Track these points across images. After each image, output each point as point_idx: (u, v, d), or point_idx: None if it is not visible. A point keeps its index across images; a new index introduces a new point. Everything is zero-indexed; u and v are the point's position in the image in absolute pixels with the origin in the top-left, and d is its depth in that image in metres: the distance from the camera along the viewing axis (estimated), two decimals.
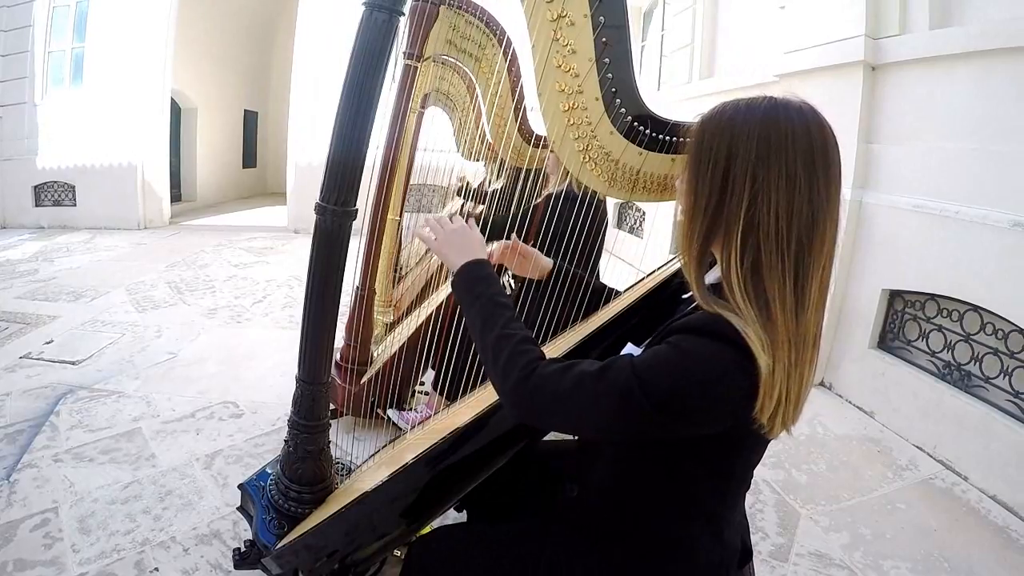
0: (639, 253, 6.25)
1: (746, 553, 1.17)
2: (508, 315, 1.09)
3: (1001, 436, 2.68)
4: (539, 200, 2.56)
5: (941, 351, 3.12)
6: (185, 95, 10.86)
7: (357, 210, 1.32)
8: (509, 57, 2.45)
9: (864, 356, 3.50)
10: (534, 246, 1.69)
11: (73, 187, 8.96)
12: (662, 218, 6.14)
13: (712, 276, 1.00)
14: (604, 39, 1.19)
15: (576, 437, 1.28)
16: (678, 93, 6.40)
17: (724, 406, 0.88)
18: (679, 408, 0.87)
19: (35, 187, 8.99)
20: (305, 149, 8.73)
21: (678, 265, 1.30)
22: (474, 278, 1.16)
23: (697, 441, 0.95)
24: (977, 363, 2.92)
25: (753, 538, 2.23)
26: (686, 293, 1.09)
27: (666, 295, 1.45)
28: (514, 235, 1.65)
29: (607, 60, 1.21)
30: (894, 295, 3.42)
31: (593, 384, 0.91)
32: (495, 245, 1.61)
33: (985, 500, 2.65)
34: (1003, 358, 2.80)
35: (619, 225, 7.59)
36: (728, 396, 0.86)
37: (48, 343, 4.03)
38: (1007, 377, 2.76)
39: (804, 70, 3.87)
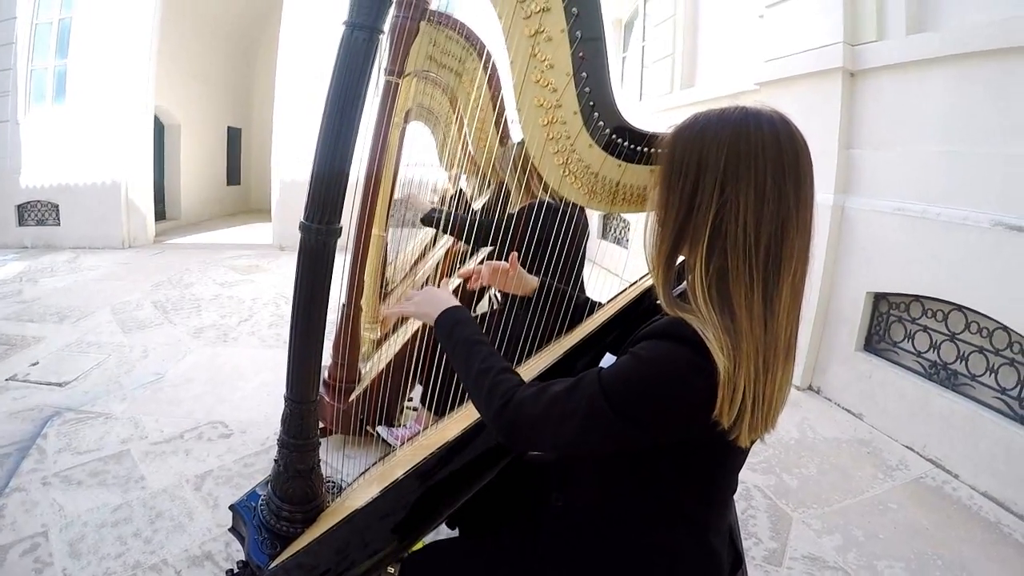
0: (624, 263, 6.27)
1: (737, 559, 1.18)
2: (485, 351, 1.14)
3: (989, 433, 2.71)
4: (521, 206, 2.56)
5: (927, 351, 3.15)
6: (168, 112, 10.82)
7: (341, 228, 1.32)
8: (490, 71, 2.46)
9: (851, 359, 3.53)
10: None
11: (57, 206, 8.90)
12: (645, 227, 6.18)
13: (683, 284, 1.02)
14: (581, 53, 1.20)
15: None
16: (660, 103, 6.44)
17: (683, 407, 0.89)
18: (640, 412, 0.89)
19: (18, 206, 8.93)
20: (289, 165, 8.70)
21: None
22: (451, 324, 1.23)
23: (672, 448, 0.97)
24: (963, 362, 2.95)
25: (746, 543, 2.25)
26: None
27: (644, 308, 1.47)
28: (513, 255, 1.67)
29: (584, 74, 1.22)
30: (879, 297, 3.45)
31: (564, 401, 0.94)
32: (483, 264, 1.65)
33: (976, 496, 2.67)
34: (988, 356, 2.83)
35: (603, 235, 7.62)
36: (686, 396, 0.88)
37: (34, 365, 4.00)
38: (993, 374, 2.80)
39: (784, 78, 3.92)
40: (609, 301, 1.69)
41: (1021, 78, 2.68)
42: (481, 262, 1.49)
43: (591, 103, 1.23)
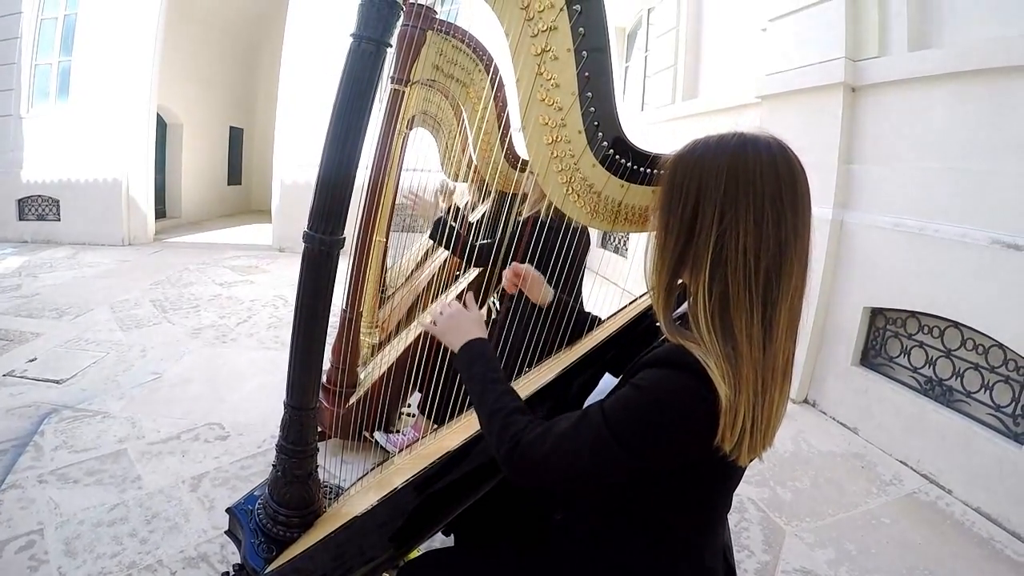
0: (623, 273, 6.28)
1: (729, 572, 1.19)
2: (500, 389, 1.13)
3: (983, 449, 2.72)
4: (524, 218, 2.57)
5: (923, 367, 3.16)
6: (171, 111, 10.85)
7: (345, 238, 1.33)
8: (496, 83, 2.47)
9: (847, 373, 3.54)
10: None
11: (57, 201, 8.93)
12: (646, 238, 6.19)
13: (682, 307, 1.02)
14: (587, 73, 1.21)
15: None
16: (661, 114, 6.46)
17: (686, 435, 0.90)
18: (645, 443, 0.90)
19: (19, 201, 8.97)
20: (290, 167, 8.73)
21: None
22: (472, 358, 1.23)
23: (673, 472, 0.97)
24: (958, 378, 2.96)
25: (738, 556, 2.26)
26: None
27: (643, 327, 1.47)
28: (529, 265, 1.69)
29: (590, 94, 1.22)
30: (876, 313, 3.46)
31: (570, 441, 0.95)
32: (509, 268, 1.67)
33: (969, 512, 2.68)
34: (984, 373, 2.84)
35: (603, 245, 7.63)
36: (689, 425, 0.89)
37: (32, 361, 4.01)
38: (988, 391, 2.80)
39: (786, 91, 3.94)
40: (609, 318, 1.70)
41: (1021, 97, 2.70)
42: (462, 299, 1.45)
43: (595, 123, 1.24)
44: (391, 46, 1.29)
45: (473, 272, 2.90)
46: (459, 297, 1.39)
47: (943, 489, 2.86)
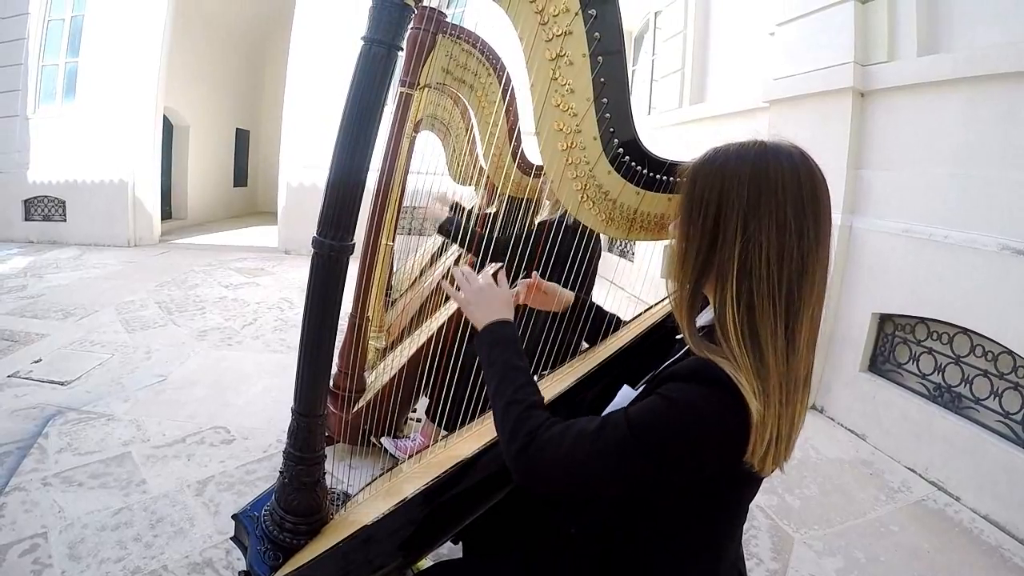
0: (631, 277, 6.27)
1: None
2: (522, 380, 1.09)
3: (992, 456, 2.70)
4: (541, 221, 2.56)
5: (931, 373, 3.14)
6: (177, 113, 10.86)
7: (354, 244, 1.31)
8: (506, 86, 2.46)
9: (855, 379, 3.52)
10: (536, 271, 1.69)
11: (63, 202, 8.96)
12: (653, 242, 6.18)
13: (703, 319, 1.01)
14: (602, 78, 1.20)
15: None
16: (669, 117, 6.45)
17: (717, 449, 0.88)
18: (673, 456, 0.88)
19: (25, 201, 9.01)
20: (296, 169, 8.74)
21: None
22: (496, 340, 1.17)
23: (692, 484, 0.96)
24: (967, 385, 2.94)
25: (748, 564, 2.22)
26: (680, 334, 1.11)
27: (661, 335, 1.45)
28: (535, 273, 1.65)
29: (605, 99, 1.21)
30: (884, 319, 3.44)
31: (590, 444, 0.91)
32: (518, 285, 1.62)
33: (977, 520, 2.66)
34: (993, 379, 2.82)
35: (610, 248, 7.61)
36: (720, 439, 0.87)
37: (36, 362, 4.01)
38: (997, 398, 2.79)
39: (793, 96, 3.92)
40: (626, 324, 1.68)
41: None
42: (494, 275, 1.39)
43: (611, 129, 1.23)
44: (402, 49, 1.27)
45: (490, 267, 2.90)
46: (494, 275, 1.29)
47: (951, 496, 2.84)
